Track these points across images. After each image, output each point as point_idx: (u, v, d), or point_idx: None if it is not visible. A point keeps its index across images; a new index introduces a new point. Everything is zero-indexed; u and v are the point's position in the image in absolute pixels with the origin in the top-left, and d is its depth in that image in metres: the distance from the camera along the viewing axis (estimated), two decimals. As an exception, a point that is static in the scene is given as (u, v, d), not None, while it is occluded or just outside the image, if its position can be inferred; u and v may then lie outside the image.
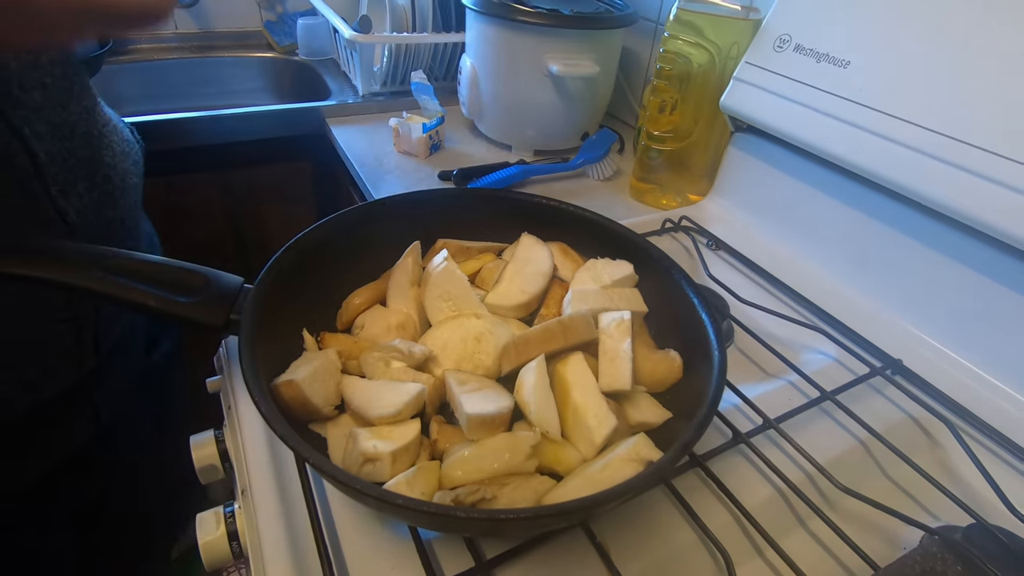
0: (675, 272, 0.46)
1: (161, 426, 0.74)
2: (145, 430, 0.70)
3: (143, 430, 0.70)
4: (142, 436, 0.70)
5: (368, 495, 0.29)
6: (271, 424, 0.31)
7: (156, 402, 0.71)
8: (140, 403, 0.67)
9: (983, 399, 0.49)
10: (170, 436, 0.76)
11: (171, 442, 0.76)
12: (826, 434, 0.46)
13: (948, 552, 0.35)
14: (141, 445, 0.70)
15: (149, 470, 0.74)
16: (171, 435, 0.76)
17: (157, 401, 0.72)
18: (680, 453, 0.34)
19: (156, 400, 0.71)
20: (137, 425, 0.68)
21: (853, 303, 0.58)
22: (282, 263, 0.41)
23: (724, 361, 0.38)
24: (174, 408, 0.76)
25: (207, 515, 0.41)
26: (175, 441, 0.76)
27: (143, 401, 0.67)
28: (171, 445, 0.76)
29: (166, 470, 0.79)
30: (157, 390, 0.71)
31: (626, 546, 0.37)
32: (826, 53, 0.58)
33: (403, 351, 0.42)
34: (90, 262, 0.35)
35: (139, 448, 0.70)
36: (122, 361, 0.60)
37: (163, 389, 0.73)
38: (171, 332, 0.73)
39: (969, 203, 0.48)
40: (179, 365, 0.77)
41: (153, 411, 0.71)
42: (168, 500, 0.84)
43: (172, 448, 0.76)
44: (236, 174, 1.08)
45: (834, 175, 0.61)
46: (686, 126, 0.73)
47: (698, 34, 0.68)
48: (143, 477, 0.74)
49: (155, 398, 0.71)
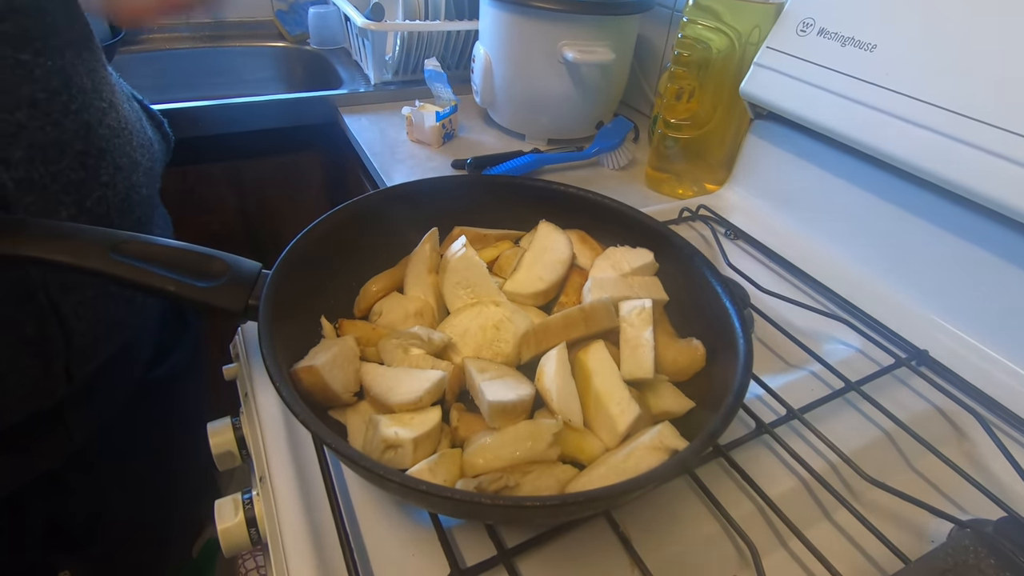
0: (697, 260, 0.45)
1: (169, 436, 0.72)
2: (148, 441, 0.69)
3: (144, 442, 0.68)
4: (143, 448, 0.68)
5: (392, 481, 0.28)
6: (292, 409, 0.31)
7: (163, 413, 0.69)
8: (140, 417, 0.64)
9: (1012, 390, 0.48)
10: (180, 444, 0.75)
11: (180, 451, 0.75)
12: (851, 425, 0.45)
13: (981, 545, 0.34)
14: (142, 456, 0.68)
15: (155, 480, 0.73)
16: (181, 442, 0.74)
17: (164, 412, 0.70)
18: (706, 443, 0.33)
19: (163, 411, 0.69)
20: (136, 438, 0.66)
21: (877, 293, 0.57)
22: (299, 249, 0.41)
23: (750, 350, 0.38)
24: (186, 417, 0.74)
25: (225, 502, 0.41)
26: (187, 448, 0.75)
27: (144, 415, 0.65)
28: (181, 453, 0.75)
29: (178, 479, 0.78)
30: (163, 402, 0.69)
31: (649, 535, 0.37)
32: (852, 37, 0.57)
33: (422, 338, 0.41)
34: (103, 245, 0.35)
35: (140, 460, 0.68)
36: (109, 383, 0.57)
37: (170, 400, 0.70)
38: (182, 344, 0.71)
39: (1000, 189, 0.46)
40: (192, 374, 0.74)
41: (159, 422, 0.69)
42: (181, 507, 0.83)
43: (182, 455, 0.76)
44: (247, 163, 1.08)
45: (858, 162, 0.60)
46: (704, 113, 0.72)
47: (717, 19, 0.67)
48: (149, 488, 0.73)
49: (161, 410, 0.69)
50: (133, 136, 0.53)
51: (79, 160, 0.45)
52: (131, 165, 0.51)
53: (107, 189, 0.48)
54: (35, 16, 0.42)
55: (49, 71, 0.43)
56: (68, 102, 0.45)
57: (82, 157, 0.46)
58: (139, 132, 0.56)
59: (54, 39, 0.44)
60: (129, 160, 0.51)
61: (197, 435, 0.47)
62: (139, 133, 0.55)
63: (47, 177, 0.43)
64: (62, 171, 0.44)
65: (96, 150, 0.47)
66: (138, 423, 0.65)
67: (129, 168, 0.51)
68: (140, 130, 0.56)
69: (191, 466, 0.80)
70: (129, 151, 0.52)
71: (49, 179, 0.43)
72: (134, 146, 0.53)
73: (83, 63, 0.47)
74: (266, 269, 0.39)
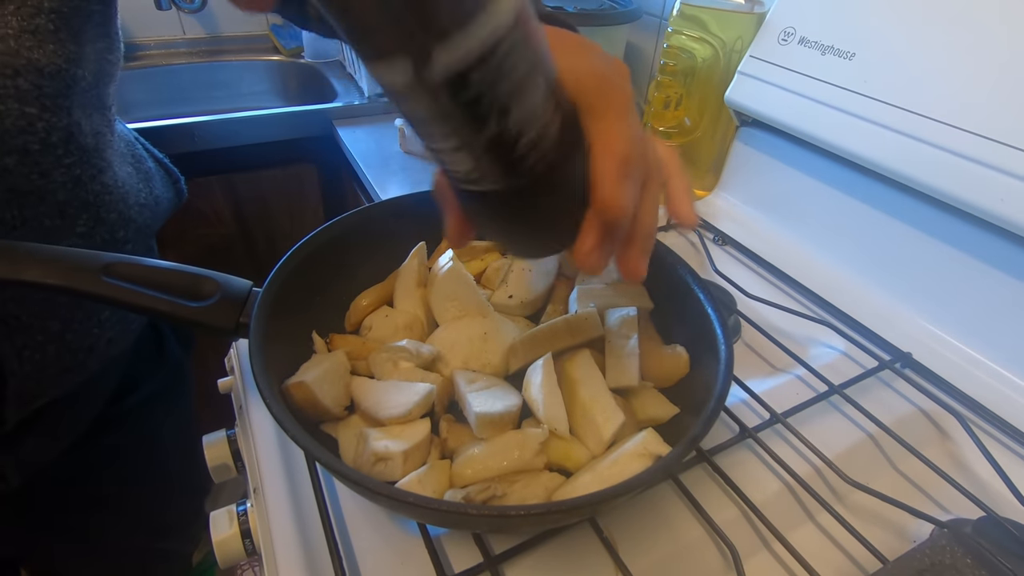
0: (680, 268, 0.46)
1: (144, 465, 0.70)
2: (119, 470, 0.67)
3: (114, 471, 0.66)
4: (111, 477, 0.66)
5: (381, 494, 0.29)
6: (283, 426, 0.32)
7: (135, 442, 0.67)
8: (106, 447, 0.63)
9: (993, 391, 0.49)
10: (158, 472, 0.72)
11: (160, 479, 0.73)
12: (834, 428, 0.46)
13: (958, 545, 0.35)
14: (108, 486, 0.67)
15: (129, 510, 0.71)
16: (160, 471, 0.72)
17: (136, 441, 0.67)
18: (688, 447, 0.34)
19: (135, 440, 0.67)
20: (102, 467, 0.64)
21: (861, 296, 0.58)
22: (289, 266, 0.42)
23: (731, 355, 0.38)
24: (163, 445, 0.72)
25: (220, 513, 0.42)
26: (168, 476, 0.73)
27: (112, 444, 0.63)
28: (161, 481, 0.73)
29: (157, 508, 0.76)
30: (136, 431, 0.66)
31: (633, 540, 0.37)
32: (831, 45, 0.58)
33: (411, 351, 0.42)
34: (94, 267, 0.36)
35: (107, 488, 0.67)
36: (54, 422, 0.55)
37: (145, 429, 0.68)
38: (157, 374, 0.68)
39: (978, 194, 0.47)
40: (173, 400, 0.72)
41: (131, 451, 0.67)
42: (166, 537, 0.81)
43: (163, 483, 0.73)
44: (244, 176, 1.09)
45: (841, 168, 0.61)
46: (691, 121, 0.73)
47: (702, 28, 0.68)
48: (125, 517, 0.71)
49: (135, 439, 0.67)
50: (129, 195, 0.54)
51: (58, 209, 0.46)
52: (119, 221, 0.52)
53: (80, 240, 0.48)
54: (52, 76, 0.43)
55: (51, 126, 0.44)
56: (63, 156, 0.45)
57: (63, 207, 0.46)
58: (139, 192, 0.56)
59: (65, 99, 0.44)
60: (119, 216, 0.52)
61: (181, 463, 0.46)
62: (139, 193, 0.56)
63: (18, 219, 0.43)
64: (36, 216, 0.44)
65: (80, 202, 0.47)
66: (104, 452, 0.63)
67: (115, 223, 0.51)
68: (142, 190, 0.56)
69: (173, 495, 0.78)
70: (122, 208, 0.52)
71: (19, 221, 0.43)
72: (129, 204, 0.53)
73: (90, 123, 0.48)
74: (257, 287, 0.40)
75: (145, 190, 0.57)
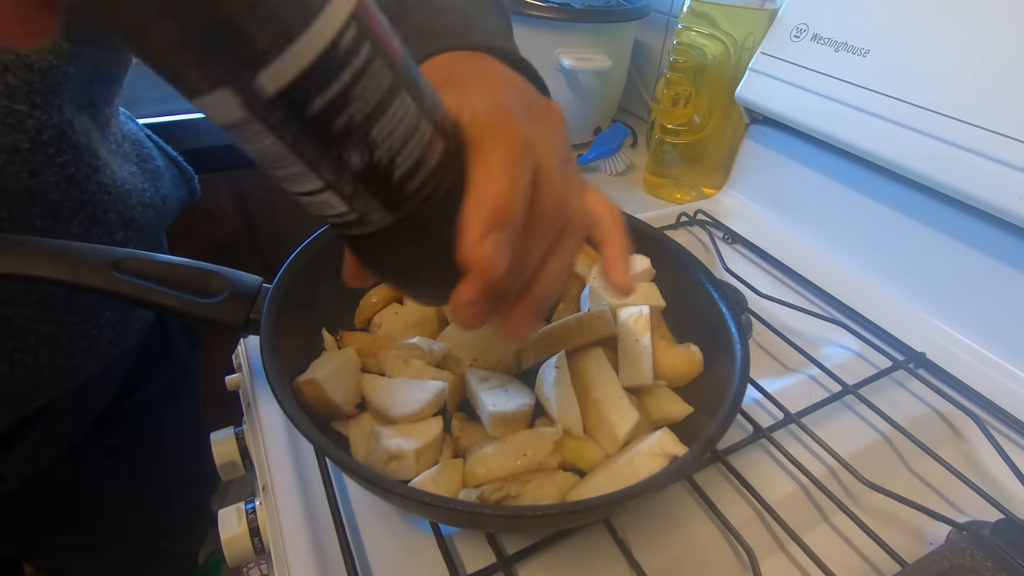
0: (693, 266, 0.46)
1: (148, 462, 0.69)
2: (120, 469, 0.66)
3: (115, 470, 0.65)
4: (111, 476, 0.65)
5: (396, 494, 0.29)
6: (296, 423, 0.31)
7: (138, 441, 0.66)
8: (108, 446, 0.62)
9: (1009, 391, 0.48)
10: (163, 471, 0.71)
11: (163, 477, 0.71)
12: (848, 428, 0.45)
13: (977, 548, 0.34)
14: (108, 485, 0.65)
15: (130, 508, 0.70)
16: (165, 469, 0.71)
17: (140, 440, 0.66)
18: (705, 448, 0.33)
19: (139, 439, 0.66)
20: (104, 466, 0.63)
21: (874, 296, 0.58)
22: (299, 262, 0.41)
23: (747, 355, 0.38)
24: (167, 443, 0.70)
25: (228, 511, 0.41)
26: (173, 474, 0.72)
27: (114, 443, 0.62)
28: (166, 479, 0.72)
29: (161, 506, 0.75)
30: (140, 429, 0.65)
31: (647, 541, 0.37)
32: (844, 42, 0.57)
33: (423, 348, 0.42)
34: (104, 262, 0.36)
35: (106, 488, 0.65)
36: (56, 422, 0.54)
37: (150, 427, 0.67)
38: (163, 372, 0.67)
39: (995, 192, 0.47)
40: (179, 398, 0.71)
41: (134, 449, 0.66)
42: (169, 537, 0.80)
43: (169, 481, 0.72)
44: (250, 173, 1.08)
45: (853, 166, 0.60)
46: (700, 119, 0.73)
47: (712, 25, 0.68)
48: (127, 515, 0.70)
49: (137, 437, 0.66)
50: (131, 195, 0.52)
51: (50, 210, 0.44)
52: (118, 221, 0.51)
53: (75, 240, 0.46)
54: (42, 72, 0.42)
55: (42, 124, 0.42)
56: (55, 155, 0.44)
57: (55, 207, 0.45)
58: (143, 191, 0.54)
59: (56, 96, 0.43)
60: (118, 216, 0.50)
61: (185, 461, 0.45)
62: (143, 192, 0.54)
63: (6, 220, 0.42)
64: (26, 217, 0.43)
65: (74, 203, 0.46)
66: (106, 451, 0.62)
67: (113, 224, 0.50)
68: (147, 189, 0.55)
69: (177, 493, 0.77)
70: (122, 208, 0.51)
71: (8, 223, 0.42)
72: (130, 204, 0.52)
73: (83, 121, 0.46)
74: (267, 283, 0.39)
75: (151, 189, 0.56)
